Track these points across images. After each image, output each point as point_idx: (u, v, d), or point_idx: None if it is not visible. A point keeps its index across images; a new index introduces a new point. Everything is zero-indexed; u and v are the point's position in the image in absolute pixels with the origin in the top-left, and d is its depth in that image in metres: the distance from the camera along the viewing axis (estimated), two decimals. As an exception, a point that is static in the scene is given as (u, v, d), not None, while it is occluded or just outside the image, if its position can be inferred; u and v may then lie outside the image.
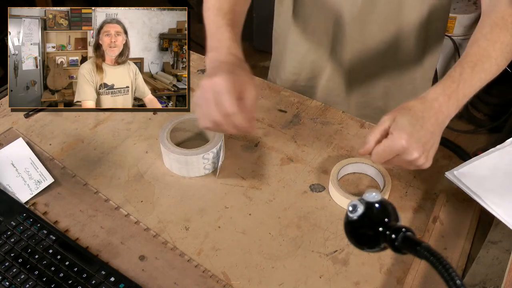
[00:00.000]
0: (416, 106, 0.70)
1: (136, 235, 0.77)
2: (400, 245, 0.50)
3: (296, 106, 1.02)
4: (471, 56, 0.74)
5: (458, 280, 0.43)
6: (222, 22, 0.77)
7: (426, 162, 0.72)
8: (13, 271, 0.70)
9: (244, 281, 0.71)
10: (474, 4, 2.15)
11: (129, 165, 0.89)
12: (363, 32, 0.97)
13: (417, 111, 0.70)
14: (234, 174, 0.87)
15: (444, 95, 0.71)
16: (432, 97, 0.71)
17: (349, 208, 0.53)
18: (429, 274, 0.71)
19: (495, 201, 0.73)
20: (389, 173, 0.84)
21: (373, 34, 0.97)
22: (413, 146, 0.68)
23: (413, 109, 0.70)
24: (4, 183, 0.83)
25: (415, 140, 0.68)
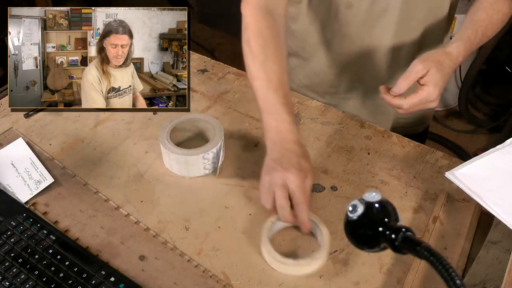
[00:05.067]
0: (446, 62, 0.80)
1: (136, 235, 0.77)
2: (400, 245, 0.50)
3: (296, 106, 1.02)
4: (482, 21, 0.85)
5: (458, 280, 0.43)
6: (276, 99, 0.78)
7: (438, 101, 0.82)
8: (13, 271, 0.70)
9: (244, 281, 0.71)
10: (474, 4, 2.15)
11: (129, 165, 0.89)
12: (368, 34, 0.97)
13: (446, 67, 0.80)
14: (234, 174, 0.87)
15: (463, 53, 0.83)
16: (457, 54, 0.82)
17: (349, 208, 0.53)
18: (429, 274, 0.71)
19: (495, 201, 0.73)
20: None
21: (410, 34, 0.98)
22: (438, 98, 0.80)
23: (444, 65, 0.79)
24: (4, 183, 0.83)
25: (440, 93, 0.79)
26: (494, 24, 0.87)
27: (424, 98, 0.78)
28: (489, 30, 0.86)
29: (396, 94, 0.80)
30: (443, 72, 0.79)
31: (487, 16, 0.86)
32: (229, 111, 1.01)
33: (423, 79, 0.78)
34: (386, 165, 0.89)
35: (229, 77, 1.10)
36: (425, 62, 0.78)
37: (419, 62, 0.79)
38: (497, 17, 0.87)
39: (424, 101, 0.79)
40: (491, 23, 0.86)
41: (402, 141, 0.94)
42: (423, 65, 0.78)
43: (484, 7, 0.86)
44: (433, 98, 0.78)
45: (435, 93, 0.78)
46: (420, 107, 0.80)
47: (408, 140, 0.94)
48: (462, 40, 0.83)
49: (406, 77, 0.79)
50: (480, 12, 0.86)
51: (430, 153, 0.91)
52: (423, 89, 0.78)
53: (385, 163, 0.89)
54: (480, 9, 0.86)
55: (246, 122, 0.98)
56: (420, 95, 0.78)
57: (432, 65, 0.78)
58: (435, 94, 0.78)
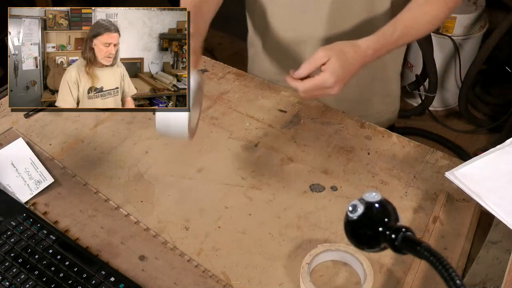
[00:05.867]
0: (350, 53, 0.80)
1: (136, 235, 0.77)
2: (400, 245, 0.50)
3: (296, 106, 1.02)
4: (404, 20, 0.85)
5: (458, 280, 0.43)
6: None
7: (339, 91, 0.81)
8: (13, 271, 0.70)
9: (244, 281, 0.71)
10: (474, 4, 2.15)
11: (129, 165, 0.89)
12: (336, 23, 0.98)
13: (349, 58, 0.79)
14: (234, 174, 0.87)
15: (375, 47, 0.82)
16: (365, 47, 0.81)
17: (349, 208, 0.53)
18: (429, 274, 0.71)
19: (495, 201, 0.73)
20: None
21: (345, 25, 0.99)
22: (337, 85, 0.79)
23: (347, 55, 0.79)
24: (4, 183, 0.83)
25: (340, 80, 0.79)
26: (419, 24, 0.87)
27: (319, 84, 0.78)
28: (412, 29, 0.86)
29: (297, 78, 0.80)
30: (344, 62, 0.79)
31: (411, 16, 0.86)
32: (229, 111, 1.01)
33: (323, 66, 0.79)
34: (386, 165, 0.89)
35: (229, 77, 1.10)
36: (328, 51, 0.79)
37: (322, 50, 0.79)
38: (425, 18, 0.87)
39: (319, 86, 0.79)
40: (415, 23, 0.86)
41: (402, 141, 0.94)
42: (324, 53, 0.78)
43: (411, 8, 0.86)
44: (329, 85, 0.78)
45: (330, 80, 0.77)
46: (317, 92, 0.80)
47: (408, 140, 0.94)
48: (376, 35, 0.83)
49: (308, 63, 0.79)
50: (406, 12, 0.86)
51: (430, 153, 0.91)
52: (320, 75, 0.79)
53: (385, 163, 0.89)
54: (406, 10, 0.86)
55: (246, 122, 0.98)
56: (315, 80, 0.78)
57: (334, 54, 0.78)
58: (330, 81, 0.77)
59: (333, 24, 0.98)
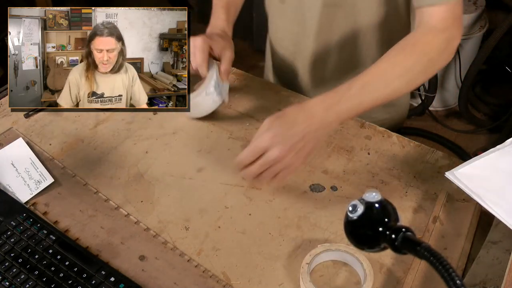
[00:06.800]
0: (291, 111, 0.76)
1: (136, 235, 0.77)
2: (400, 245, 0.50)
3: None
4: (365, 75, 0.77)
5: (458, 280, 0.43)
6: (219, 4, 1.01)
7: (297, 161, 0.75)
8: (13, 271, 0.70)
9: (244, 281, 0.71)
10: (474, 4, 2.15)
11: (129, 165, 0.89)
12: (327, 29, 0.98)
13: (290, 115, 0.75)
14: (234, 174, 0.87)
15: (322, 105, 0.75)
16: (309, 105, 0.76)
17: (349, 208, 0.54)
18: (429, 274, 0.71)
19: (495, 201, 0.73)
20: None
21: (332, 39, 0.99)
22: (276, 143, 0.72)
23: (288, 113, 0.75)
24: (4, 183, 0.83)
25: (281, 139, 0.72)
26: (385, 77, 0.77)
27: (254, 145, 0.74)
28: (377, 83, 0.76)
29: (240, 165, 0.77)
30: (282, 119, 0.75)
31: (376, 70, 0.77)
32: (229, 111, 1.01)
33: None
34: (386, 165, 0.89)
35: (229, 77, 1.10)
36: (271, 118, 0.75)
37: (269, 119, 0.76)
38: (393, 71, 0.77)
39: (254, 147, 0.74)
40: (381, 76, 0.77)
41: (402, 141, 0.94)
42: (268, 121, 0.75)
43: (379, 60, 0.78)
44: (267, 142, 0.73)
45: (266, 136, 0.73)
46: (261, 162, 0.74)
47: (408, 140, 0.94)
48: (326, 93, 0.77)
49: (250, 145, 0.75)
50: (372, 66, 0.78)
51: (430, 153, 0.91)
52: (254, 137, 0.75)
53: (385, 163, 0.89)
54: (375, 63, 0.78)
55: (246, 122, 0.98)
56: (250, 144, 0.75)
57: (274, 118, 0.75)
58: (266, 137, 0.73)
59: (321, 37, 0.99)
